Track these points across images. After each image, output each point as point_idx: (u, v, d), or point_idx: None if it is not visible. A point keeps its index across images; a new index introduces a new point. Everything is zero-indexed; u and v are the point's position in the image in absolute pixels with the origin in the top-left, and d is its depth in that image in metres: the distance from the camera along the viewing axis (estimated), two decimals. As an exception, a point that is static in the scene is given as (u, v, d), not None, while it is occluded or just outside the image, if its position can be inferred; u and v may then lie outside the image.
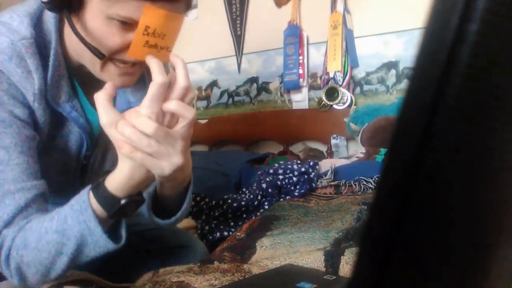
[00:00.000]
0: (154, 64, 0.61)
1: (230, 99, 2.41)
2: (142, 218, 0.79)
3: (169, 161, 0.62)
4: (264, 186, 1.40)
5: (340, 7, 1.96)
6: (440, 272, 0.20)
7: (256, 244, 0.90)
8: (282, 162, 1.56)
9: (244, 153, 2.16)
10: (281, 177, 1.44)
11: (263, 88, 2.30)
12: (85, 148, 0.82)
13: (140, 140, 0.59)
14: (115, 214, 0.64)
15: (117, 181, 0.63)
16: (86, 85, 0.80)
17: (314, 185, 1.41)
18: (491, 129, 0.19)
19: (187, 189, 0.78)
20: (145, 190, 0.73)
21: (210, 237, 1.27)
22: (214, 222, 1.33)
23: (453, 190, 0.19)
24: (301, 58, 2.09)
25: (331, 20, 1.98)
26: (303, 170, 1.45)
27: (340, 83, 1.99)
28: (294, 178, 1.43)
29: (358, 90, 2.01)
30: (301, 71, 2.09)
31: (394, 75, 1.93)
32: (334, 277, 0.66)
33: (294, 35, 2.09)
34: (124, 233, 0.68)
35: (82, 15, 0.67)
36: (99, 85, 0.65)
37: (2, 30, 0.68)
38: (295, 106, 2.19)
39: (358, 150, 1.82)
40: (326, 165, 1.58)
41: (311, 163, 1.50)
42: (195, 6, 2.37)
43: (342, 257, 0.75)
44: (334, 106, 2.02)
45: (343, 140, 1.99)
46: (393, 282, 0.18)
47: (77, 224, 0.63)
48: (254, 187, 1.43)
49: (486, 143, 0.19)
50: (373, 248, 0.18)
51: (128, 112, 0.61)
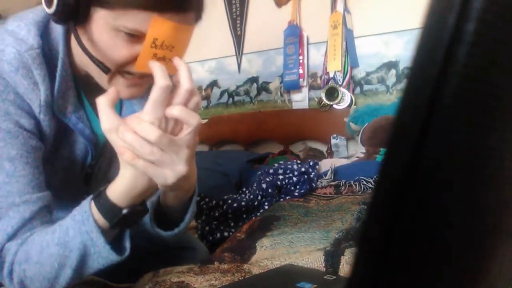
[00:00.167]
0: (156, 67, 0.58)
1: (230, 99, 2.41)
2: (143, 227, 0.77)
3: (172, 169, 0.59)
4: (264, 186, 1.39)
5: (340, 7, 1.96)
6: (439, 272, 0.20)
7: (256, 244, 0.90)
8: (282, 162, 1.56)
9: (244, 153, 2.16)
10: (281, 177, 1.44)
11: (263, 88, 2.30)
12: (90, 157, 0.80)
13: (142, 147, 0.57)
14: (117, 224, 0.62)
15: (118, 189, 0.61)
16: (92, 94, 0.79)
17: (314, 185, 1.41)
18: (490, 129, 0.19)
19: (191, 199, 0.76)
20: (148, 199, 0.71)
21: (211, 237, 1.27)
22: (214, 222, 1.33)
23: (450, 190, 0.18)
24: (301, 58, 2.09)
25: (331, 20, 1.98)
26: (303, 170, 1.45)
27: (340, 83, 1.99)
28: (294, 178, 1.42)
29: (358, 90, 2.01)
30: (301, 71, 2.09)
31: (394, 75, 1.93)
32: (334, 277, 0.66)
33: (294, 35, 2.09)
34: (128, 244, 0.66)
35: (88, 27, 0.64)
36: None
37: (9, 40, 0.67)
38: (295, 106, 2.19)
39: (358, 150, 1.82)
40: (326, 165, 1.58)
41: (311, 163, 1.50)
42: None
43: (342, 257, 0.75)
44: (334, 106, 2.02)
45: (343, 140, 1.99)
46: (390, 282, 0.18)
47: (79, 235, 0.62)
48: (254, 187, 1.43)
49: (484, 143, 0.19)
50: (370, 248, 0.18)
51: (129, 117, 0.59)
